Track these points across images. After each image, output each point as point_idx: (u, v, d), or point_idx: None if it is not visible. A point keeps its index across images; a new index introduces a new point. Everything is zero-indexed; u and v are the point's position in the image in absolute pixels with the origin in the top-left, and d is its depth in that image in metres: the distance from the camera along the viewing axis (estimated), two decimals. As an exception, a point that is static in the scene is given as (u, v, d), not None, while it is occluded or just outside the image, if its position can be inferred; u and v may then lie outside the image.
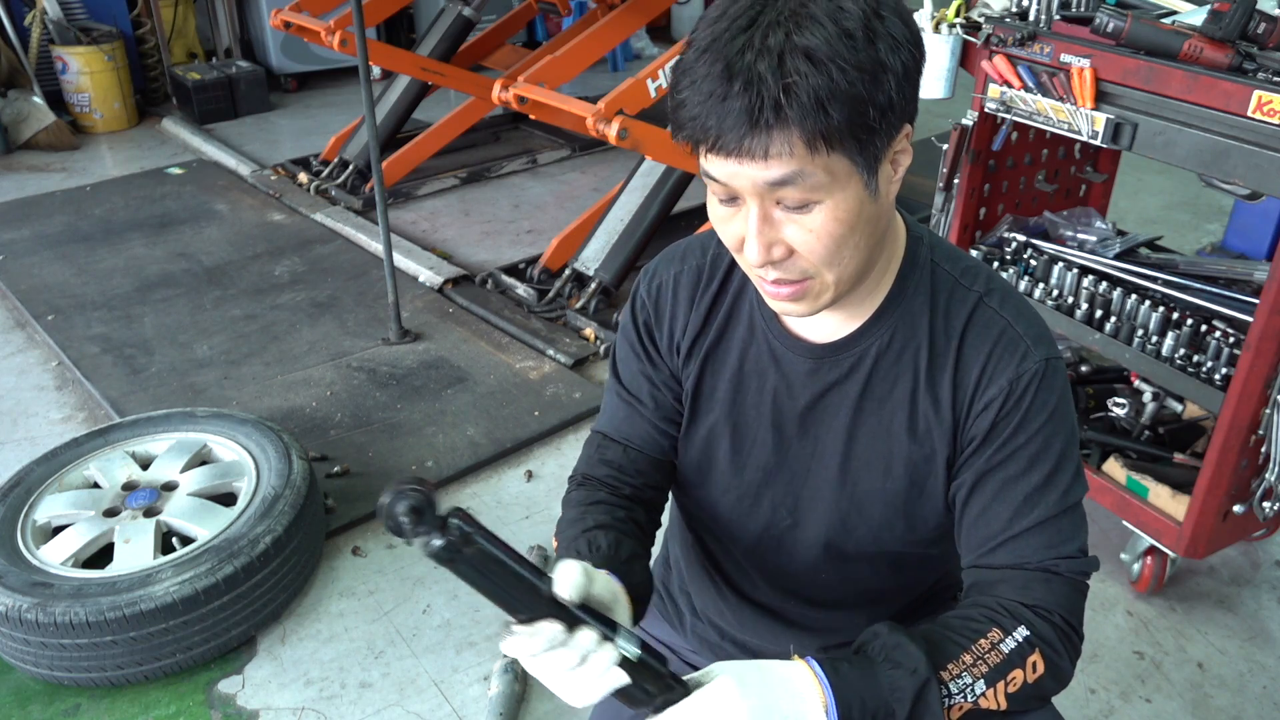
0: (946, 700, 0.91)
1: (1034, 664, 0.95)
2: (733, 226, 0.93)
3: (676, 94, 0.88)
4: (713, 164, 0.89)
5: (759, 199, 0.89)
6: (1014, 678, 0.94)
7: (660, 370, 1.14)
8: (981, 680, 0.93)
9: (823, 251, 0.90)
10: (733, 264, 1.12)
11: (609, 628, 0.84)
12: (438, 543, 0.76)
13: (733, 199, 0.91)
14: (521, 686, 1.98)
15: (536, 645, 0.81)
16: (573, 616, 0.83)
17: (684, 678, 0.89)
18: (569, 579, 0.84)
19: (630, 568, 1.01)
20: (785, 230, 0.90)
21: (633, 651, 0.84)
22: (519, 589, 0.81)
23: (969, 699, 0.92)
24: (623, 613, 0.92)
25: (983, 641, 0.95)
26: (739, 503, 1.13)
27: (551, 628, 0.81)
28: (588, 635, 0.82)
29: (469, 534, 0.78)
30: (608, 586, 0.91)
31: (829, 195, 0.88)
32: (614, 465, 1.15)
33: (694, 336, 1.11)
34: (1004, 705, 0.94)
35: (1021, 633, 0.96)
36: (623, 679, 0.83)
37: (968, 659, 0.94)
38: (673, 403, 1.15)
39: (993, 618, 0.97)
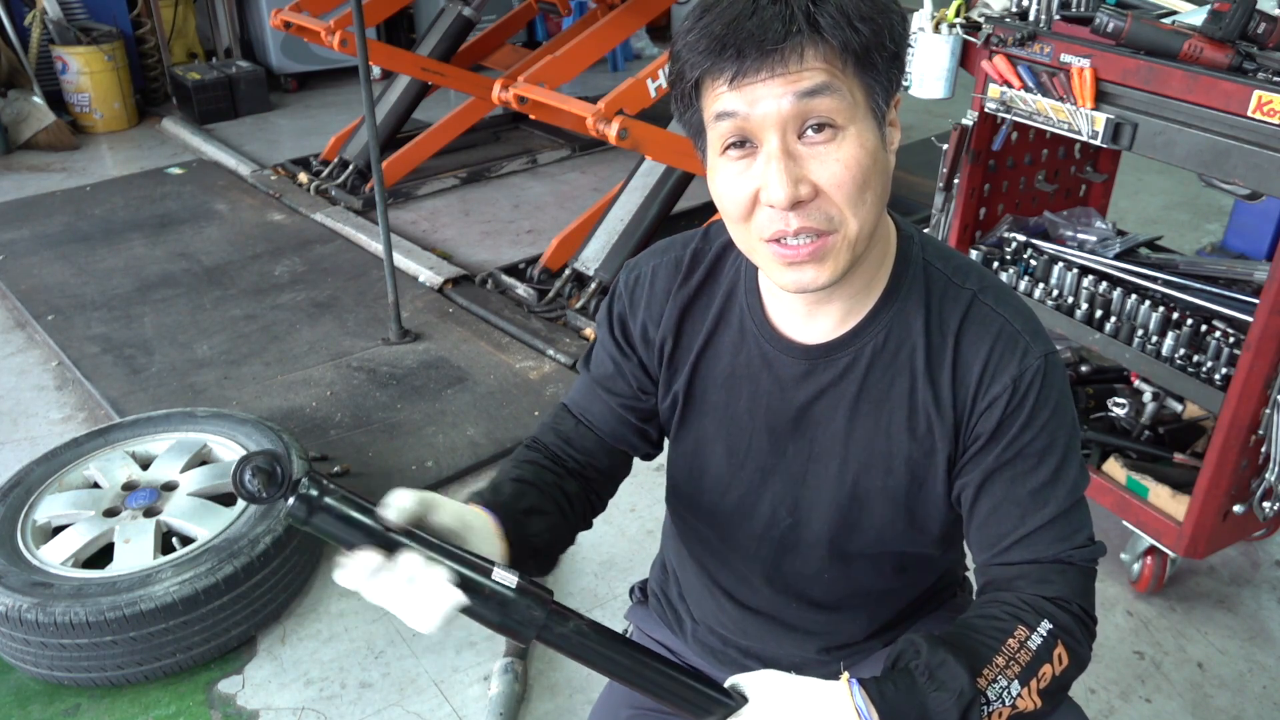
0: (985, 708, 0.92)
1: (1059, 656, 0.96)
2: (746, 179, 0.91)
3: (685, 36, 0.89)
4: (728, 99, 0.88)
5: (780, 131, 0.88)
6: (1044, 673, 0.95)
7: (630, 359, 1.14)
8: (1016, 681, 0.94)
9: (851, 186, 0.89)
10: (717, 262, 1.10)
11: (444, 555, 0.85)
12: (290, 504, 0.80)
13: (745, 144, 0.90)
14: (521, 686, 1.98)
15: (361, 572, 0.82)
16: (399, 544, 0.84)
17: (726, 684, 0.91)
18: (394, 504, 0.85)
19: (526, 519, 1.02)
20: (810, 166, 0.89)
21: (468, 575, 0.85)
22: (361, 530, 0.84)
23: (1006, 702, 0.93)
24: (483, 544, 0.93)
25: (1011, 641, 0.95)
26: (738, 506, 1.13)
27: (369, 554, 0.82)
28: (411, 557, 0.83)
29: (321, 494, 0.82)
30: (458, 517, 0.91)
31: (853, 122, 0.88)
32: (564, 437, 1.17)
33: (673, 331, 1.11)
34: (1039, 703, 0.95)
35: (1045, 627, 0.96)
36: (460, 597, 0.83)
37: (1000, 661, 0.94)
38: (636, 391, 1.15)
39: (1016, 615, 0.97)
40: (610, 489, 1.19)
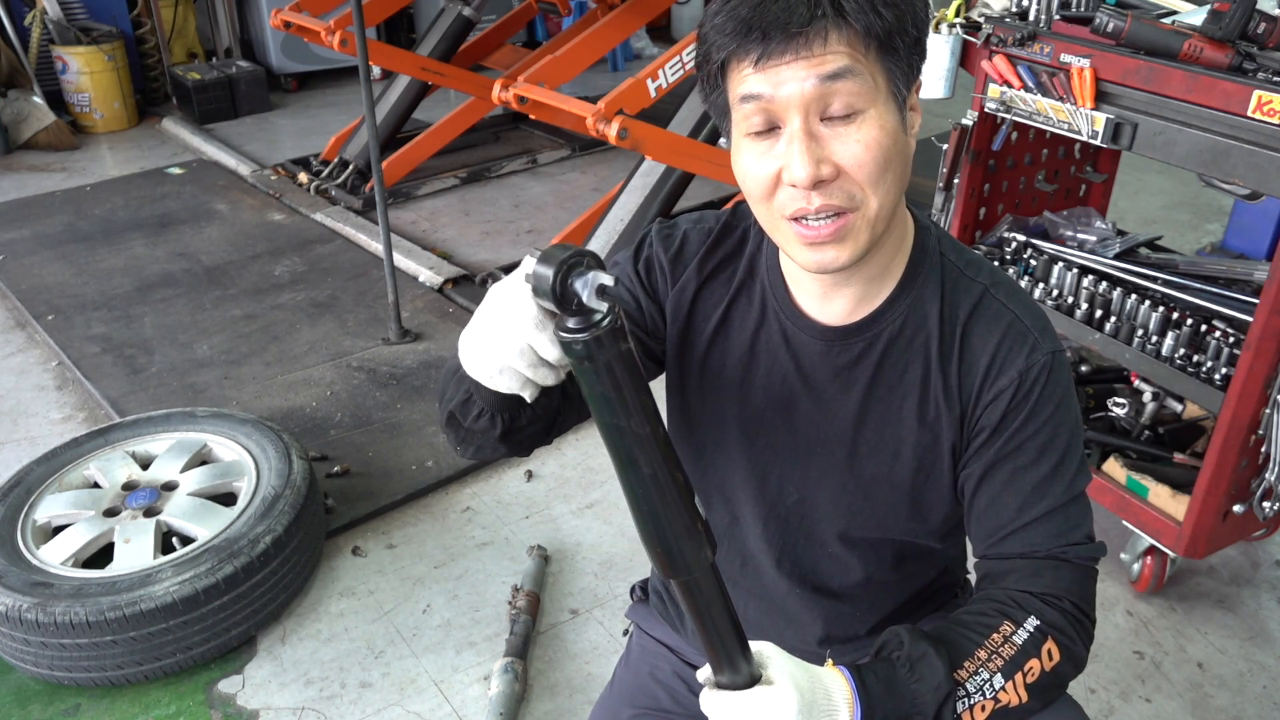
0: (966, 701, 0.93)
1: (1049, 651, 0.97)
2: (769, 159, 0.92)
3: (713, 19, 0.91)
4: (753, 80, 0.90)
5: (803, 112, 0.89)
6: (1030, 668, 0.96)
7: (652, 301, 1.14)
8: (999, 674, 0.95)
9: (872, 166, 0.90)
10: (743, 239, 1.12)
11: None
12: (589, 336, 0.69)
13: (770, 128, 0.92)
14: (521, 686, 1.98)
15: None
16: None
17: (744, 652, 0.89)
18: None
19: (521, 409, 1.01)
20: (832, 146, 0.90)
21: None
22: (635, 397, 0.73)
23: (988, 695, 0.94)
24: None
25: (995, 636, 0.96)
26: (746, 482, 1.14)
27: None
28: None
29: (623, 328, 0.71)
30: None
31: (874, 105, 0.90)
32: None
33: (690, 298, 1.11)
34: (1025, 697, 0.95)
35: (1032, 623, 0.97)
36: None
37: (982, 655, 0.95)
38: (649, 330, 1.14)
39: (1003, 610, 0.98)
40: (570, 421, 1.11)
